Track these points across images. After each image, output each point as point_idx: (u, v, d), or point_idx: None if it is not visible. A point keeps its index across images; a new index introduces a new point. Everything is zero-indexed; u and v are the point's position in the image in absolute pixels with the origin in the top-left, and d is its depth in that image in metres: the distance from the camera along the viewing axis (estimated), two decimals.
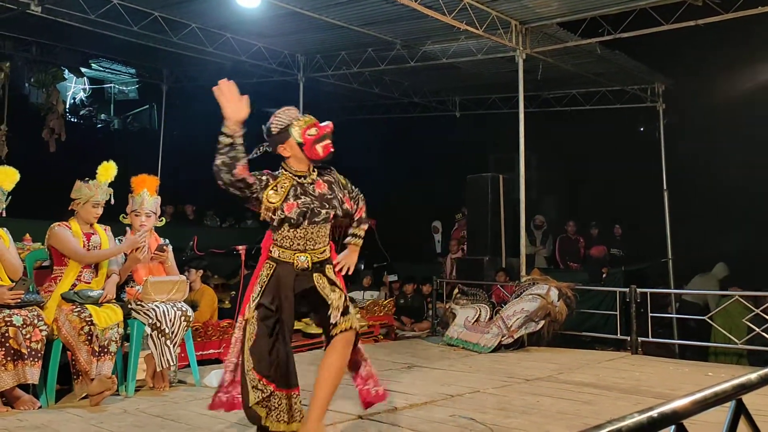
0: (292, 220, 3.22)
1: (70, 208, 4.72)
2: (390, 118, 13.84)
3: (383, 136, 14.19)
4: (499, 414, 4.07)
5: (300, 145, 3.24)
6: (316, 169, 3.38)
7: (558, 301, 6.94)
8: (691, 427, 1.32)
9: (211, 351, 5.96)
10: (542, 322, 6.85)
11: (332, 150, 3.28)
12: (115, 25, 8.22)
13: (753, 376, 1.48)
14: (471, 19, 7.68)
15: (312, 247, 3.29)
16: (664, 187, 10.40)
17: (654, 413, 1.12)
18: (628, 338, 6.91)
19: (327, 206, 3.31)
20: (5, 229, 4.42)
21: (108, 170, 4.80)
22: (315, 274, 3.30)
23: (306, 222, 3.25)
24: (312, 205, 3.26)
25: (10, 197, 4.45)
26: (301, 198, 3.25)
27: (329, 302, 3.26)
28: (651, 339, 7.09)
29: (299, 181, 3.29)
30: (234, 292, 8.01)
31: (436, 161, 13.42)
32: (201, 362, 5.44)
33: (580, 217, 11.85)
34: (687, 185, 11.00)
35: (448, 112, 13.22)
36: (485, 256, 9.39)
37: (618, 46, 8.84)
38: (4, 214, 4.48)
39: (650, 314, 7.07)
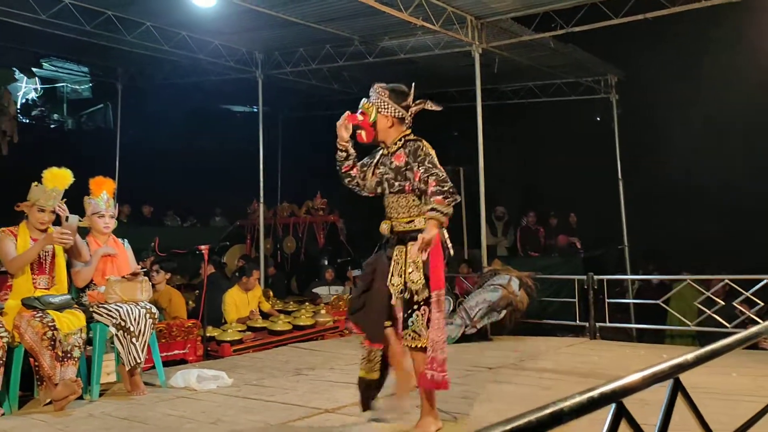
0: (369, 189, 3.65)
1: (19, 209, 4.48)
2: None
3: None
4: (463, 402, 4.18)
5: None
6: (401, 141, 3.58)
7: (519, 290, 7.09)
8: (640, 406, 1.42)
9: (176, 352, 5.95)
10: (504, 312, 6.98)
11: (361, 138, 3.66)
12: (67, 24, 8.07)
13: (689, 356, 1.59)
14: (427, 14, 7.76)
15: (395, 216, 3.54)
16: (619, 176, 10.66)
17: (594, 393, 1.21)
18: (587, 324, 7.11)
19: (400, 178, 3.50)
20: None
21: (57, 176, 4.50)
22: (397, 247, 3.50)
23: (386, 191, 3.56)
24: (386, 176, 3.56)
25: None
26: (380, 168, 3.61)
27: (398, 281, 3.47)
28: (608, 324, 7.31)
29: (382, 152, 3.65)
30: (198, 291, 7.97)
31: None
32: (166, 363, 5.43)
33: (539, 206, 12.09)
34: (641, 174, 11.30)
35: None
36: None
37: (571, 39, 9.04)
38: None
39: (607, 300, 7.29)
